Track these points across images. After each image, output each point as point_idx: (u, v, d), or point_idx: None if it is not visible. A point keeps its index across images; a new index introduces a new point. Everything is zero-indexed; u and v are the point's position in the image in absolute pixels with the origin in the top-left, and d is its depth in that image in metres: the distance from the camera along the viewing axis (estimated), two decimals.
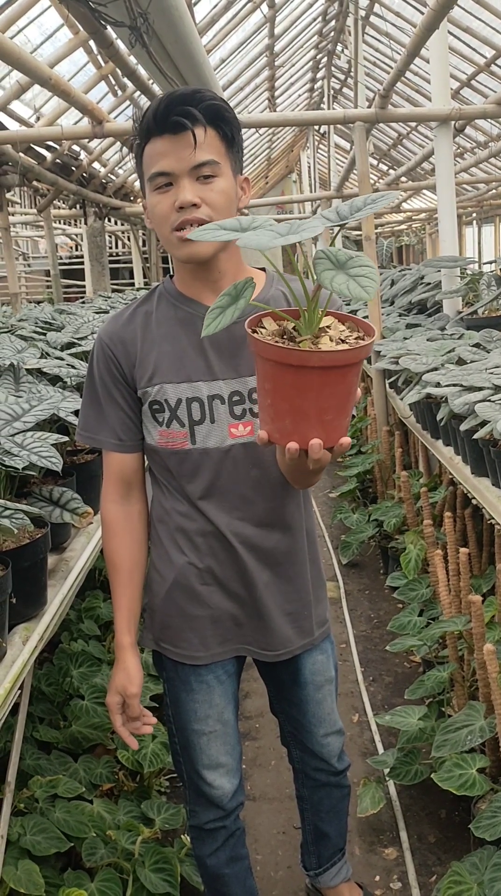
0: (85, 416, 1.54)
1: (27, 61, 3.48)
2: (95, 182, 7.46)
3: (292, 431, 1.02)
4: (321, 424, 1.01)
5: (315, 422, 1.01)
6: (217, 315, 1.02)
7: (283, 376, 0.98)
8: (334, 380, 0.99)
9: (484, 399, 2.50)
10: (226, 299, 1.03)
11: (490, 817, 1.79)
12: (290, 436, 1.03)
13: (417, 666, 3.13)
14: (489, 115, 4.76)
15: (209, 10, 5.92)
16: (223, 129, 1.38)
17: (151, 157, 1.37)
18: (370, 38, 7.98)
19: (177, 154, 1.34)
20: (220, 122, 1.37)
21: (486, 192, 10.41)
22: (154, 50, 3.03)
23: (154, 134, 1.36)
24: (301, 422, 1.01)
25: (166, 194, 1.37)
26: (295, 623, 1.59)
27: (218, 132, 1.37)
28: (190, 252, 1.39)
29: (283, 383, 0.99)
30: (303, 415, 1.01)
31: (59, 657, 2.52)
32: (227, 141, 1.39)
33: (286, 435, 1.03)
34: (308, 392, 0.99)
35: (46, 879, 1.73)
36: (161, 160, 1.36)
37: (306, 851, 1.93)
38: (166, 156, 1.35)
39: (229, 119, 1.38)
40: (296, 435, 1.02)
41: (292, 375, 0.98)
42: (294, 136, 15.47)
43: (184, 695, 1.59)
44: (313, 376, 0.97)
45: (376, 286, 0.95)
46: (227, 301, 1.03)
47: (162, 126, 1.35)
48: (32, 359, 2.58)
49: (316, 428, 1.01)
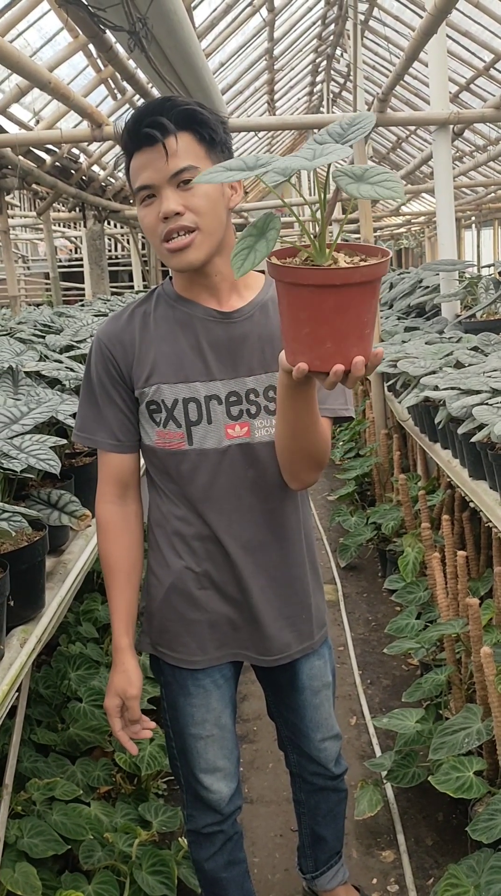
0: (82, 416, 1.54)
1: (27, 65, 3.48)
2: (95, 185, 7.47)
3: (335, 353, 1.05)
4: (360, 340, 1.05)
5: (356, 338, 1.05)
6: (247, 255, 1.00)
7: (324, 299, 1.01)
8: (370, 293, 1.03)
9: (482, 402, 2.50)
10: (250, 239, 1.02)
11: (487, 820, 1.79)
12: (333, 358, 1.05)
13: (415, 669, 3.13)
14: (487, 118, 4.77)
15: (209, 13, 5.93)
16: (199, 131, 1.37)
17: (134, 171, 1.39)
18: (369, 41, 7.99)
19: (154, 166, 1.35)
20: (194, 125, 1.37)
21: (485, 195, 10.41)
22: (153, 54, 3.04)
23: (132, 149, 1.38)
24: (343, 341, 1.04)
25: (151, 206, 1.38)
26: (293, 627, 1.59)
27: (194, 136, 1.37)
28: (181, 263, 1.40)
29: (324, 307, 1.02)
30: (344, 334, 1.04)
31: (57, 660, 2.52)
32: (206, 143, 1.38)
33: (329, 358, 1.05)
34: (350, 309, 1.02)
35: (44, 882, 1.73)
36: (142, 174, 1.37)
37: (302, 855, 1.93)
38: (145, 168, 1.36)
39: (204, 120, 1.38)
40: (339, 356, 1.05)
41: (336, 296, 1.01)
42: (294, 140, 15.48)
43: (181, 699, 1.59)
44: (355, 292, 1.01)
45: (400, 185, 0.97)
46: (252, 240, 1.01)
47: (136, 141, 1.36)
48: (31, 361, 2.59)
49: (357, 344, 1.05)
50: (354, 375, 1.06)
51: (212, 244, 1.40)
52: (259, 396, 1.46)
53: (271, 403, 1.47)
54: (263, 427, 1.47)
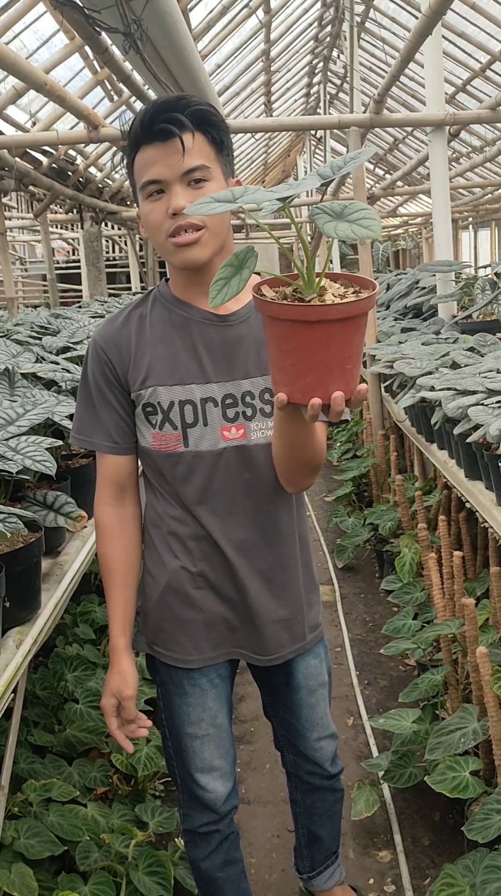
0: (79, 418, 1.55)
1: (23, 66, 3.49)
2: (92, 187, 7.47)
3: (316, 387, 1.05)
4: (342, 374, 1.05)
5: (338, 373, 1.05)
6: (222, 286, 1.03)
7: (305, 334, 1.02)
8: (352, 329, 1.03)
9: (478, 403, 2.51)
10: (229, 270, 1.04)
11: (483, 819, 1.79)
12: (313, 391, 1.06)
13: (411, 669, 3.13)
14: (483, 119, 4.78)
15: (205, 15, 5.94)
16: (211, 133, 1.39)
17: (142, 165, 1.38)
18: (365, 43, 8.00)
19: (166, 161, 1.35)
20: (207, 126, 1.38)
21: (482, 196, 10.43)
22: (148, 56, 3.04)
23: (143, 143, 1.37)
24: (326, 375, 1.05)
25: (159, 202, 1.38)
26: (287, 628, 1.59)
27: (206, 137, 1.38)
28: (186, 259, 1.40)
29: (306, 340, 1.02)
30: (327, 367, 1.05)
31: (53, 661, 2.52)
32: (216, 145, 1.40)
33: (309, 391, 1.06)
34: (331, 344, 1.03)
35: (40, 883, 1.73)
36: (151, 168, 1.37)
37: (299, 855, 1.94)
38: (156, 163, 1.36)
39: (217, 123, 1.40)
40: (320, 389, 1.05)
41: (315, 331, 1.02)
42: (291, 141, 15.50)
43: (177, 698, 1.60)
44: (334, 329, 1.02)
45: (378, 223, 0.98)
46: (230, 272, 1.04)
47: (150, 134, 1.36)
48: (27, 363, 2.59)
49: (339, 379, 1.05)
50: (334, 410, 1.06)
51: (217, 244, 1.41)
52: (255, 399, 1.47)
53: (267, 406, 1.47)
54: (259, 429, 1.47)
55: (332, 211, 1.01)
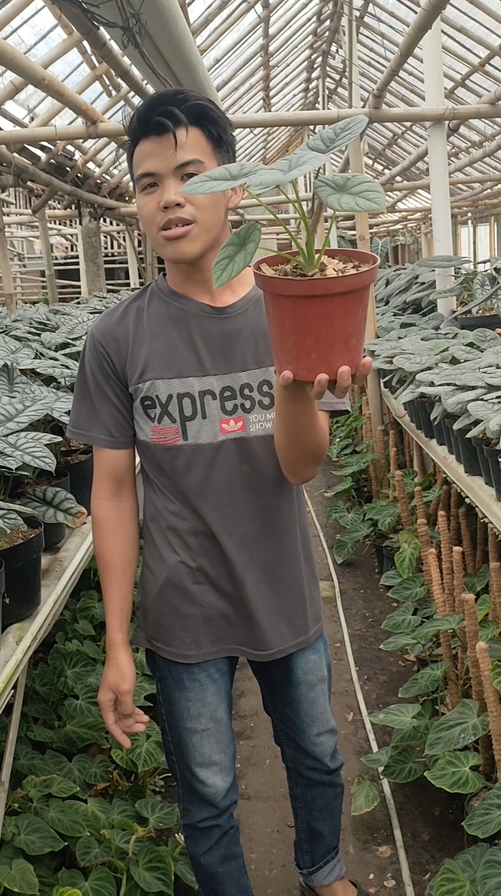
0: (76, 412, 1.55)
1: (21, 61, 3.48)
2: (90, 182, 7.46)
3: (320, 363, 1.04)
4: (346, 350, 1.04)
5: (341, 348, 1.04)
6: (226, 265, 1.00)
7: (308, 309, 1.00)
8: (355, 303, 1.02)
9: (477, 398, 2.50)
10: (231, 248, 1.01)
11: (483, 815, 1.80)
12: (317, 368, 1.04)
13: (411, 664, 3.13)
14: (482, 114, 4.77)
15: (204, 10, 5.92)
16: (209, 128, 1.39)
17: (138, 158, 1.39)
18: (364, 37, 7.99)
19: (161, 154, 1.36)
20: (204, 121, 1.38)
21: (481, 191, 10.42)
22: (147, 50, 3.03)
23: (140, 136, 1.38)
24: (329, 352, 1.03)
25: (152, 195, 1.39)
26: (288, 622, 1.59)
27: (203, 132, 1.38)
28: (176, 252, 1.40)
29: (308, 316, 1.01)
30: (330, 344, 1.03)
31: (53, 657, 2.52)
32: (213, 140, 1.40)
33: (313, 369, 1.05)
34: (334, 319, 1.01)
35: (41, 879, 1.73)
36: (146, 161, 1.38)
37: (299, 850, 1.94)
38: (151, 157, 1.37)
39: (215, 118, 1.39)
40: (324, 366, 1.04)
41: (318, 306, 1.00)
42: (290, 136, 15.47)
43: (177, 693, 1.60)
44: (337, 303, 1.00)
45: (382, 196, 0.96)
46: (232, 250, 1.01)
47: (146, 128, 1.37)
48: (26, 359, 2.58)
49: (342, 355, 1.04)
50: (340, 385, 1.05)
51: (208, 239, 1.41)
52: (253, 391, 1.47)
53: (266, 398, 1.47)
54: (257, 421, 1.47)
55: (334, 183, 0.99)
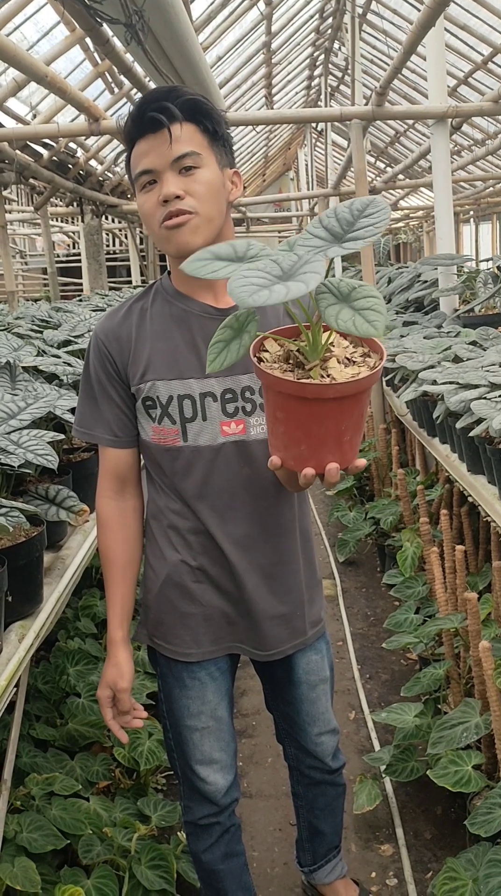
0: (81, 411, 1.55)
1: (23, 58, 3.47)
2: (92, 180, 7.45)
3: (309, 457, 1.00)
4: (338, 447, 1.00)
5: (333, 446, 1.00)
6: (221, 350, 0.97)
7: (298, 407, 0.96)
8: (350, 405, 0.97)
9: (480, 397, 2.50)
10: (228, 332, 0.98)
11: (485, 813, 1.79)
12: (306, 461, 1.01)
13: (413, 663, 3.13)
14: (486, 112, 4.76)
15: (206, 7, 5.90)
16: (204, 122, 1.39)
17: (135, 158, 1.40)
18: (367, 35, 7.97)
19: (157, 151, 1.36)
20: (199, 116, 1.38)
21: (483, 189, 10.40)
22: (150, 47, 3.03)
23: (136, 136, 1.39)
24: (319, 447, 0.99)
25: (151, 192, 1.39)
26: (287, 623, 1.59)
27: (198, 126, 1.38)
28: (178, 245, 1.39)
29: (298, 413, 0.97)
30: (320, 441, 0.99)
31: (55, 655, 2.52)
32: (209, 134, 1.40)
33: (302, 461, 1.01)
34: (326, 420, 0.97)
35: (43, 877, 1.73)
36: (143, 159, 1.38)
37: (301, 848, 1.94)
38: (147, 154, 1.37)
39: (209, 112, 1.39)
40: (312, 460, 1.00)
41: (309, 407, 0.96)
42: (292, 134, 15.45)
43: (177, 691, 1.60)
44: (330, 406, 0.96)
45: (384, 319, 0.90)
46: (229, 334, 0.98)
47: (140, 126, 1.37)
48: (29, 357, 2.58)
49: (334, 452, 1.00)
50: (327, 481, 1.03)
51: (210, 231, 1.40)
52: (254, 394, 1.46)
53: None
54: (258, 425, 1.47)
55: (338, 291, 0.93)
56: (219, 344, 0.98)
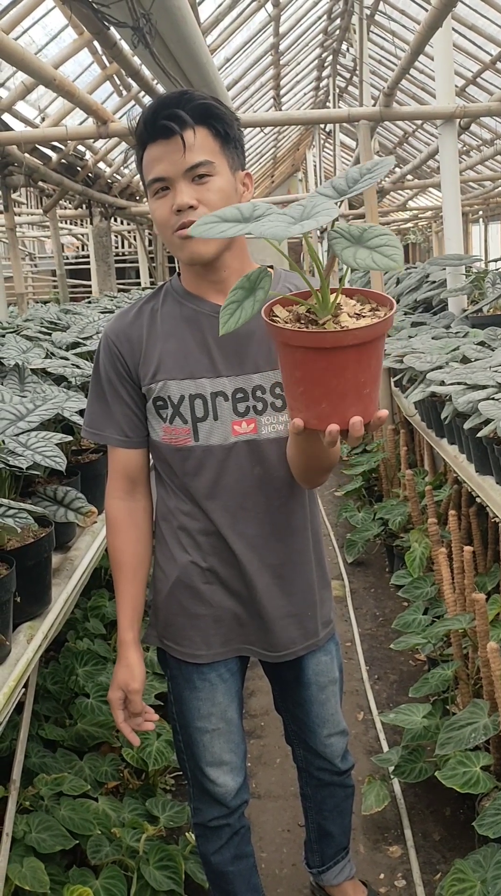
0: (91, 412, 1.55)
1: (31, 62, 3.49)
2: (101, 182, 7.48)
3: (331, 413, 1.01)
4: (359, 400, 1.01)
5: (354, 399, 1.00)
6: (234, 310, 0.98)
7: (317, 361, 0.97)
8: (368, 353, 0.99)
9: (488, 397, 2.49)
10: (240, 293, 0.99)
11: (494, 815, 1.79)
12: (329, 418, 1.01)
13: (422, 664, 3.13)
14: (494, 112, 4.75)
15: (214, 9, 5.92)
16: (215, 126, 1.38)
17: (148, 163, 1.39)
18: (375, 36, 7.97)
19: (170, 158, 1.36)
20: (211, 120, 1.38)
21: (492, 189, 10.38)
22: (157, 50, 3.04)
23: (147, 141, 1.38)
24: (340, 402, 1.00)
25: (164, 199, 1.39)
26: (298, 624, 1.59)
27: (210, 131, 1.38)
28: (192, 253, 1.40)
29: (317, 367, 0.98)
30: (341, 395, 1.00)
31: (64, 656, 2.53)
32: (221, 138, 1.39)
33: (325, 418, 1.02)
34: (346, 371, 0.98)
35: (51, 877, 1.74)
36: (156, 166, 1.37)
37: (309, 849, 1.94)
38: (160, 161, 1.37)
39: (221, 116, 1.39)
40: (335, 416, 1.01)
41: (328, 358, 0.97)
42: (300, 135, 15.45)
43: (187, 692, 1.60)
44: (349, 354, 0.97)
45: (400, 252, 0.92)
46: (242, 294, 0.98)
47: (152, 132, 1.36)
48: (37, 359, 2.59)
49: (355, 405, 1.01)
50: (352, 436, 1.03)
51: (223, 240, 1.40)
52: (266, 393, 1.46)
53: (278, 400, 1.47)
54: (270, 424, 1.47)
55: (350, 235, 0.95)
56: (232, 305, 0.98)
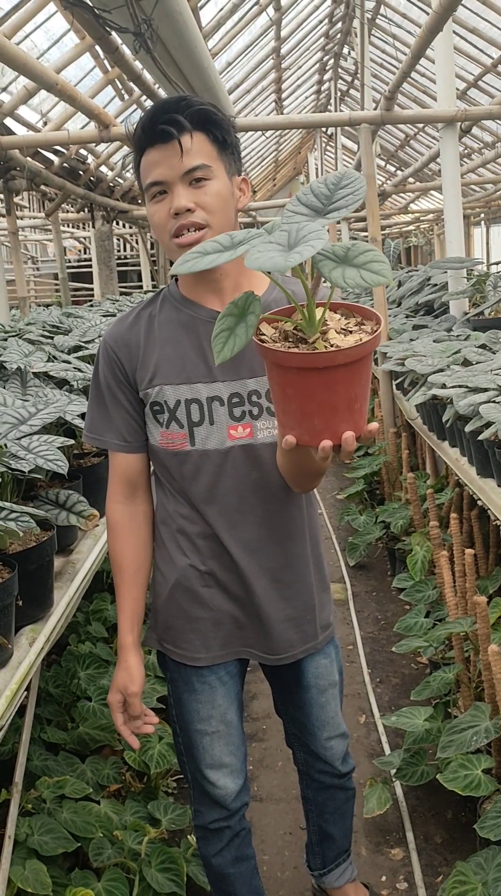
0: (91, 417, 1.56)
1: (33, 66, 3.50)
2: (103, 186, 7.49)
3: (324, 429, 1.02)
4: (351, 415, 1.02)
5: (345, 414, 1.02)
6: (227, 338, 0.97)
7: (309, 379, 0.98)
8: (358, 369, 1.00)
9: (489, 400, 2.50)
10: (230, 320, 0.98)
11: (495, 817, 1.79)
12: (321, 434, 1.02)
13: (424, 667, 3.13)
14: (495, 115, 4.76)
15: (215, 13, 5.94)
16: (213, 132, 1.40)
17: (146, 168, 1.41)
18: (376, 39, 7.98)
19: (167, 162, 1.37)
20: (209, 125, 1.39)
21: (494, 192, 10.39)
22: (159, 55, 3.05)
23: (145, 145, 1.39)
24: (332, 417, 1.01)
25: (162, 203, 1.40)
26: (297, 628, 1.60)
27: (208, 136, 1.39)
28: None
29: (310, 385, 0.99)
30: (333, 410, 1.01)
31: (66, 659, 2.54)
32: (218, 144, 1.41)
33: (317, 434, 1.03)
34: (337, 387, 0.99)
35: (54, 879, 1.74)
36: (154, 170, 1.39)
37: (311, 852, 1.94)
38: (158, 165, 1.38)
39: (218, 121, 1.40)
40: (327, 432, 1.02)
41: (321, 377, 0.98)
42: (302, 138, 15.47)
43: (186, 695, 1.61)
44: (341, 372, 0.98)
45: (388, 266, 0.92)
46: (232, 321, 0.98)
47: (151, 137, 1.38)
48: (39, 362, 2.60)
49: (347, 420, 1.02)
50: (345, 450, 1.04)
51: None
52: (261, 398, 1.47)
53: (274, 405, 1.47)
54: (265, 428, 1.48)
55: (335, 255, 0.94)
56: (223, 333, 0.97)
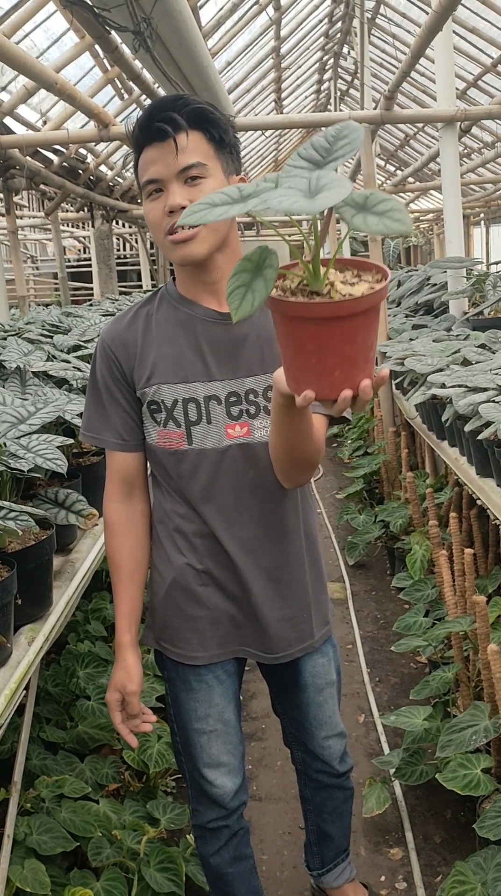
0: (88, 416, 1.56)
1: (33, 65, 3.50)
2: (102, 185, 7.49)
3: (343, 381, 1.03)
4: (366, 363, 1.04)
5: (363, 363, 1.04)
6: (243, 293, 0.93)
7: (331, 330, 0.99)
8: (374, 317, 1.02)
9: (489, 400, 2.50)
10: (245, 276, 0.93)
11: (495, 817, 1.79)
12: (341, 385, 1.04)
13: (423, 666, 3.13)
14: (494, 115, 4.76)
15: (215, 12, 5.93)
16: (210, 131, 1.40)
17: (143, 166, 1.41)
18: (376, 39, 7.98)
19: (163, 160, 1.37)
20: (205, 124, 1.39)
21: (494, 192, 10.39)
22: (158, 54, 3.05)
23: (143, 144, 1.40)
24: (351, 368, 1.03)
25: (158, 200, 1.40)
26: (294, 627, 1.60)
27: (204, 135, 1.39)
28: (183, 255, 1.41)
29: (331, 336, 1.00)
30: (352, 361, 1.02)
31: (65, 658, 2.54)
32: (215, 143, 1.41)
33: (337, 386, 1.04)
34: (357, 336, 1.00)
35: (52, 879, 1.74)
36: (150, 168, 1.39)
37: (309, 852, 1.94)
38: (155, 163, 1.38)
39: (215, 120, 1.40)
40: (347, 382, 1.03)
41: (341, 326, 0.99)
42: (302, 138, 15.46)
43: (184, 694, 1.60)
44: (360, 320, 0.99)
45: (408, 216, 0.92)
46: (247, 277, 0.93)
47: (147, 135, 1.38)
48: (39, 362, 2.60)
49: (363, 369, 1.04)
50: (362, 399, 1.05)
51: (215, 240, 1.41)
52: (258, 397, 1.47)
53: (271, 403, 1.47)
54: (262, 427, 1.48)
55: (354, 202, 0.94)
56: (239, 290, 0.93)
